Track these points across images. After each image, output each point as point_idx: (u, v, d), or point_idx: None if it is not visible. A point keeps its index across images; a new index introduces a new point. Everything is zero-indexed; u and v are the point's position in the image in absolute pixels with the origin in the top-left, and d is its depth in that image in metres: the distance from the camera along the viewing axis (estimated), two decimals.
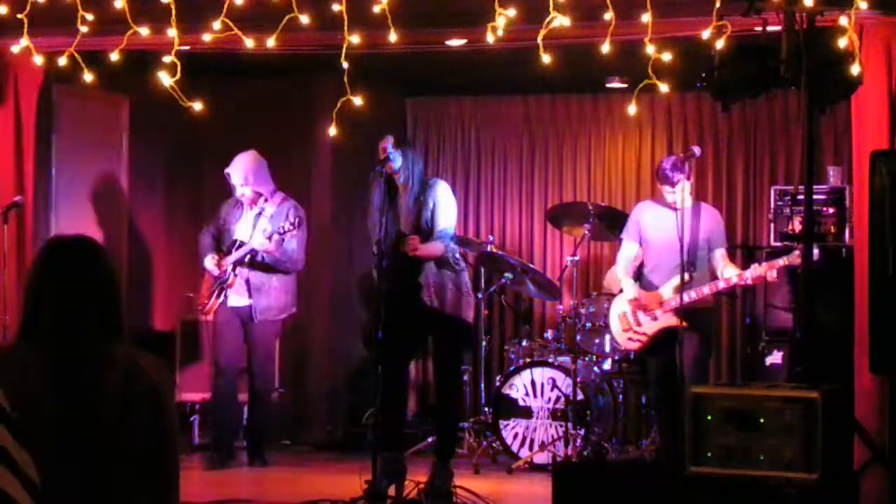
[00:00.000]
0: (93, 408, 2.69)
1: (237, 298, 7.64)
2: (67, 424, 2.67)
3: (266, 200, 7.66)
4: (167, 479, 2.79)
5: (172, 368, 8.36)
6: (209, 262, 7.66)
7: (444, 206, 6.38)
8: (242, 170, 7.60)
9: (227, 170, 7.65)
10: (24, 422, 2.66)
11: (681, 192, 6.80)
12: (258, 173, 7.63)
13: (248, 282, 7.60)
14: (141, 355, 2.81)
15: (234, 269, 7.58)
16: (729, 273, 6.83)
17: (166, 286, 9.19)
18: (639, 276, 7.21)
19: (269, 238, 7.40)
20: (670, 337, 6.86)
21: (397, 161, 6.35)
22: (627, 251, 7.16)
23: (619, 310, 7.13)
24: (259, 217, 7.64)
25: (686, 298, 6.67)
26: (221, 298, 7.64)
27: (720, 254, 6.92)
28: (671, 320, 6.87)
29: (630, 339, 7.06)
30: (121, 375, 2.73)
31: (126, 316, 2.87)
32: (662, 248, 6.94)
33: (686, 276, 6.66)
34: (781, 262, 6.76)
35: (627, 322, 7.06)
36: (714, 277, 6.89)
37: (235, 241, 7.63)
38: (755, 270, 6.76)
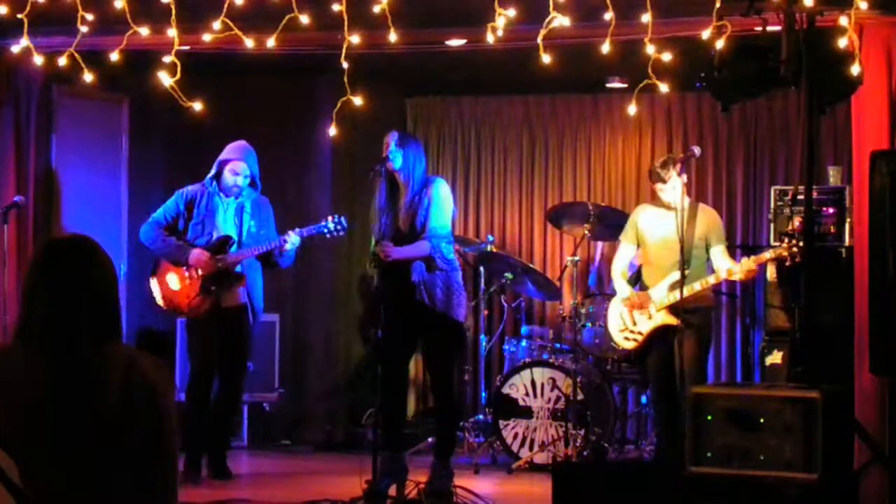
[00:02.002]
0: (91, 408, 2.69)
1: (232, 298, 7.18)
2: (66, 424, 2.67)
3: (255, 190, 7.31)
4: (166, 479, 2.79)
5: (171, 369, 8.36)
6: (199, 255, 7.09)
7: (438, 204, 6.33)
8: (252, 157, 7.24)
9: (234, 156, 7.19)
10: (22, 422, 2.67)
11: (672, 189, 6.82)
12: (257, 163, 7.31)
13: (244, 281, 7.20)
14: (139, 355, 2.81)
15: (237, 264, 7.16)
16: (724, 267, 6.84)
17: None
18: (638, 276, 7.25)
19: (301, 238, 7.08)
20: (666, 336, 6.88)
21: (398, 160, 6.33)
22: (623, 253, 7.21)
23: (614, 310, 7.16)
24: (242, 212, 7.24)
25: (676, 297, 6.69)
26: (215, 300, 7.14)
27: (720, 250, 6.92)
28: (666, 319, 6.87)
29: (626, 338, 7.09)
30: (119, 375, 2.73)
31: (122, 316, 2.87)
32: (657, 248, 6.97)
33: (678, 275, 6.67)
34: (768, 255, 6.79)
35: (623, 322, 7.08)
36: None
37: (228, 237, 7.17)
38: (742, 265, 6.77)
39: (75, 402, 2.69)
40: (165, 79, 6.11)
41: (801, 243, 6.54)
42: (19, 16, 6.20)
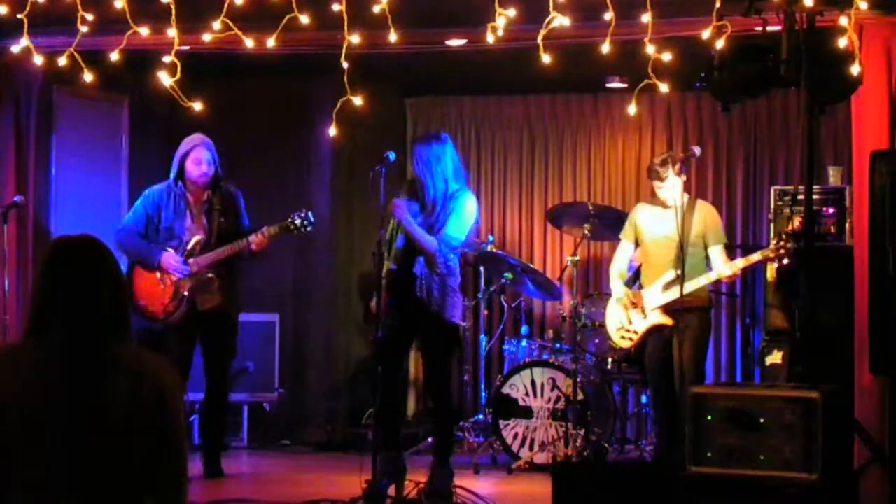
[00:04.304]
0: (100, 407, 2.69)
1: (210, 300, 7.14)
2: (74, 424, 2.67)
3: (219, 184, 7.19)
4: (174, 480, 2.79)
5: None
6: (169, 258, 7.05)
7: (459, 215, 6.37)
8: (210, 145, 7.14)
9: (193, 143, 7.07)
10: (32, 420, 2.67)
11: (671, 188, 6.82)
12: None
13: (221, 281, 7.16)
14: (149, 356, 2.82)
15: (207, 271, 7.09)
16: (716, 268, 6.85)
17: None
18: (637, 275, 7.26)
19: (268, 236, 7.01)
20: (662, 335, 6.89)
21: (415, 169, 6.42)
22: (622, 251, 7.23)
23: (612, 310, 7.17)
24: (210, 211, 7.15)
25: (673, 296, 6.70)
26: (190, 303, 7.10)
27: (718, 250, 6.93)
28: (662, 318, 6.88)
29: (623, 337, 7.10)
30: (128, 376, 2.73)
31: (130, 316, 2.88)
32: (655, 247, 6.98)
33: (675, 274, 6.68)
34: (756, 256, 6.79)
35: (619, 321, 7.09)
36: None
37: (198, 240, 7.10)
38: (732, 267, 6.78)
39: (84, 402, 2.69)
40: (165, 79, 6.11)
41: (789, 244, 6.57)
42: (19, 16, 6.20)
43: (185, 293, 7.12)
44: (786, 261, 6.63)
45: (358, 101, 6.09)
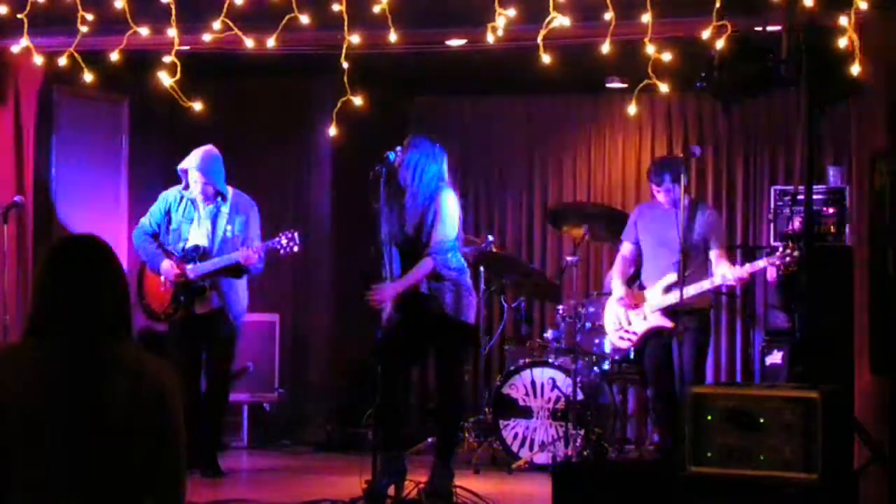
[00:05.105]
0: (100, 407, 2.70)
1: (205, 305, 7.22)
2: (74, 424, 2.67)
3: (224, 198, 7.26)
4: (173, 480, 2.79)
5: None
6: (168, 268, 7.17)
7: (443, 219, 6.28)
8: (206, 165, 7.18)
9: (187, 165, 7.18)
10: (32, 421, 2.67)
11: (666, 193, 6.83)
12: (220, 170, 7.24)
13: (216, 286, 7.21)
14: (148, 357, 2.82)
15: (202, 278, 7.15)
16: (718, 273, 6.84)
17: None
18: (637, 275, 7.26)
19: (257, 251, 7.07)
20: (661, 336, 6.88)
21: (403, 163, 6.36)
22: (623, 252, 7.22)
23: (610, 310, 7.18)
24: (216, 218, 7.22)
25: (673, 300, 6.70)
26: (188, 308, 7.21)
27: (716, 254, 6.93)
28: (661, 320, 6.88)
29: (621, 338, 7.10)
30: (128, 376, 2.73)
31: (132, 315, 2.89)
32: (656, 248, 6.98)
33: (676, 276, 6.68)
34: (761, 263, 6.79)
35: (618, 321, 7.09)
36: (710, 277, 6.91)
37: (197, 247, 7.18)
38: (735, 272, 6.78)
39: (84, 402, 2.69)
40: (165, 79, 6.11)
41: (795, 252, 6.55)
42: (19, 16, 6.21)
43: (182, 298, 7.21)
44: (792, 269, 6.61)
45: (358, 101, 6.09)
